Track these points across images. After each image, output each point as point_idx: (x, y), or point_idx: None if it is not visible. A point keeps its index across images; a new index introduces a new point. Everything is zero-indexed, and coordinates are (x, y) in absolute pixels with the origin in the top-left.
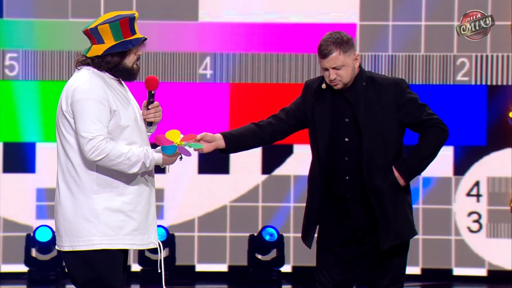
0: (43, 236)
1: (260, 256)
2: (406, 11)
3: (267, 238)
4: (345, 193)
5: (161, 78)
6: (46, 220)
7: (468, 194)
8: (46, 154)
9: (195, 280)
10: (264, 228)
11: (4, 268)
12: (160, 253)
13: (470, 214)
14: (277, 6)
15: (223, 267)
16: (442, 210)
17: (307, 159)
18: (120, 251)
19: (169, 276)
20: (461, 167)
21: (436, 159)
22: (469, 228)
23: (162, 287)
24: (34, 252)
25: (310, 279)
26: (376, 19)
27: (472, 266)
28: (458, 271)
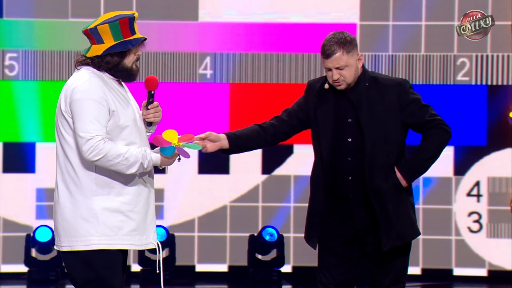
0: (43, 236)
1: (260, 256)
2: (406, 11)
3: (267, 238)
4: (347, 193)
5: (161, 78)
6: (46, 220)
7: (469, 194)
8: (46, 154)
9: (195, 280)
10: (264, 228)
11: (4, 268)
12: (159, 253)
13: (470, 214)
14: (277, 6)
15: (223, 267)
16: (443, 210)
17: (307, 159)
18: (120, 251)
19: (169, 276)
20: (461, 167)
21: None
22: (469, 228)
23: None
24: (34, 252)
25: (310, 279)
26: (376, 19)
27: (473, 266)
28: (458, 271)
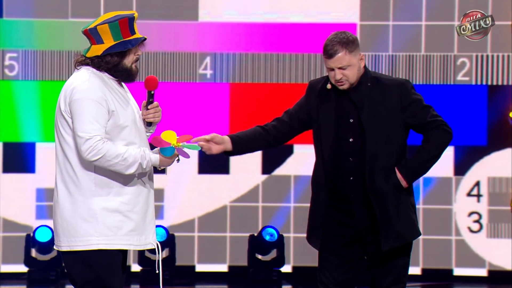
0: (43, 236)
1: (260, 256)
2: (406, 11)
3: (267, 238)
4: (349, 193)
5: (161, 78)
6: (46, 220)
7: (469, 194)
8: (46, 154)
9: (195, 280)
10: (264, 228)
11: (4, 268)
12: (158, 253)
13: (470, 214)
14: (277, 6)
15: (223, 267)
16: (443, 210)
17: (307, 159)
18: (119, 251)
19: (169, 276)
20: (461, 167)
21: None
22: (469, 228)
23: None
24: (34, 252)
25: (310, 279)
26: (377, 19)
27: (473, 266)
28: (458, 271)
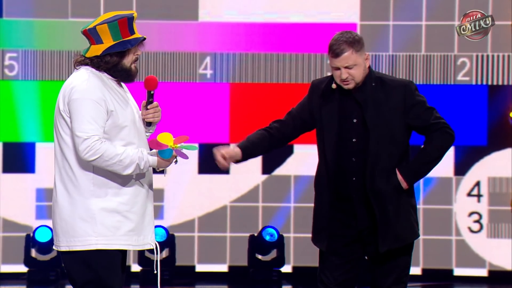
0: (42, 236)
1: (260, 256)
2: (406, 10)
3: (267, 238)
4: (351, 194)
5: (161, 78)
6: (45, 220)
7: (469, 194)
8: (45, 154)
9: (195, 281)
10: (264, 228)
11: (4, 268)
12: (157, 254)
13: (470, 214)
14: (277, 6)
15: (223, 268)
16: (443, 210)
17: (307, 159)
18: (118, 252)
19: (169, 277)
20: (461, 167)
21: None
22: (469, 228)
23: None
24: (34, 253)
25: (310, 280)
26: (377, 19)
27: (473, 266)
28: (458, 272)
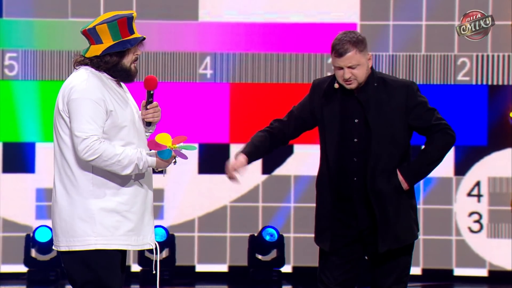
0: (42, 236)
1: (260, 257)
2: (406, 10)
3: (267, 238)
4: (352, 194)
5: (161, 78)
6: (45, 220)
7: (469, 194)
8: (45, 154)
9: (195, 281)
10: (264, 228)
11: (4, 268)
12: (156, 254)
13: (470, 214)
14: (277, 6)
15: (223, 268)
16: (443, 210)
17: (307, 159)
18: (118, 252)
19: (169, 277)
20: (462, 167)
21: None
22: (469, 228)
23: None
24: (34, 253)
25: (310, 280)
26: (377, 19)
27: (473, 266)
28: (458, 272)
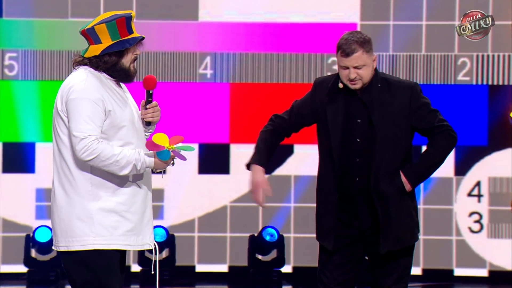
0: (42, 236)
1: (260, 257)
2: (407, 10)
3: (267, 238)
4: (354, 194)
5: (161, 78)
6: (45, 221)
7: (469, 194)
8: (45, 154)
9: (195, 281)
10: (264, 228)
11: (4, 268)
12: (155, 254)
13: (471, 214)
14: (277, 6)
15: (223, 268)
16: (443, 210)
17: (307, 159)
18: (117, 252)
19: (169, 277)
20: (462, 167)
21: None
22: (470, 228)
23: None
24: (34, 253)
25: (310, 280)
26: (377, 19)
27: (473, 266)
28: (459, 272)
